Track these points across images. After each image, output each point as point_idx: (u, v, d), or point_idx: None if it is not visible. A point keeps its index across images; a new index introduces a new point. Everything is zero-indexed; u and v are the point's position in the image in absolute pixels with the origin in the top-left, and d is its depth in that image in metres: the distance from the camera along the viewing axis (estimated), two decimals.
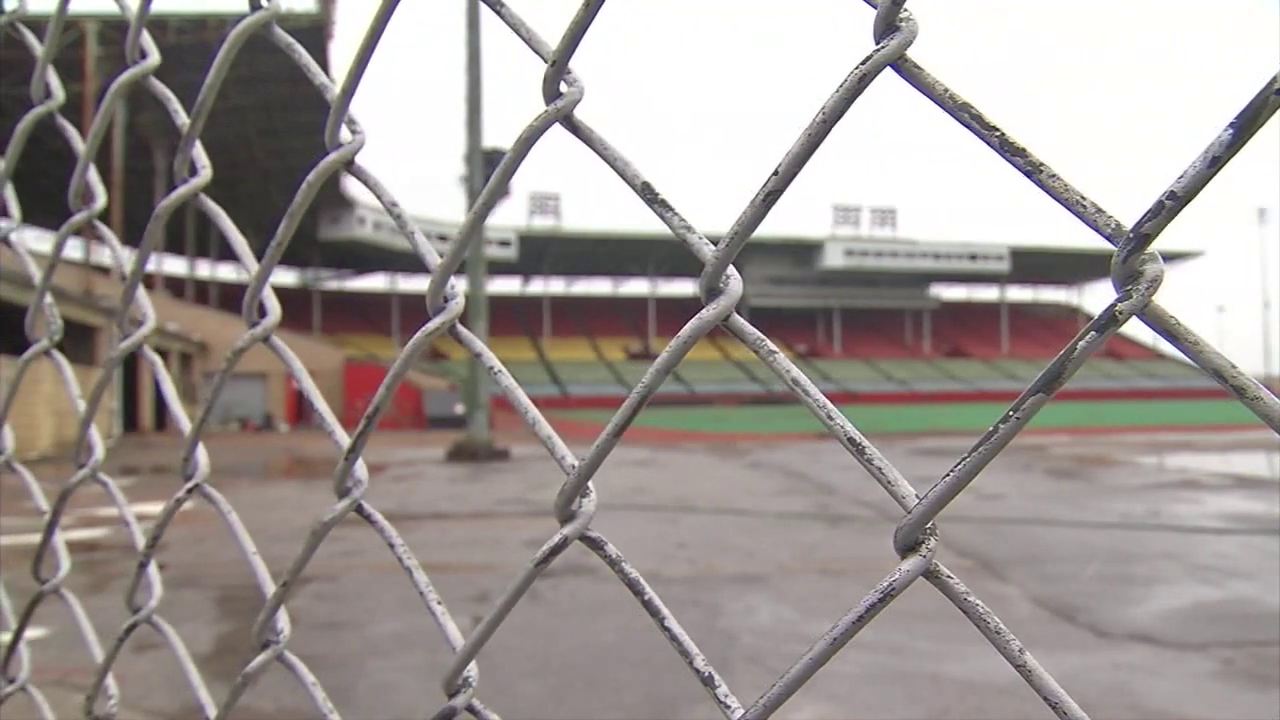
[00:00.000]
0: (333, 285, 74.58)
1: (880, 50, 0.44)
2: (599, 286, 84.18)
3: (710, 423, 37.06)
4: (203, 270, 56.86)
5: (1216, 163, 0.36)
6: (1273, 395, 0.37)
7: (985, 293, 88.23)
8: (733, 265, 0.50)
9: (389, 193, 0.69)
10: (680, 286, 79.91)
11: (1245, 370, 0.38)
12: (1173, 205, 0.38)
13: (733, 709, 0.52)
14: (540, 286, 79.46)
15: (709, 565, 7.48)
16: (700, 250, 0.52)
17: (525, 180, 73.06)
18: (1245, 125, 0.36)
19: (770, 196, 0.47)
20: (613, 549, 0.57)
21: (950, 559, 7.57)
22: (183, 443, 0.84)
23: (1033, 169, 0.41)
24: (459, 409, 34.05)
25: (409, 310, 69.97)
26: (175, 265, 54.31)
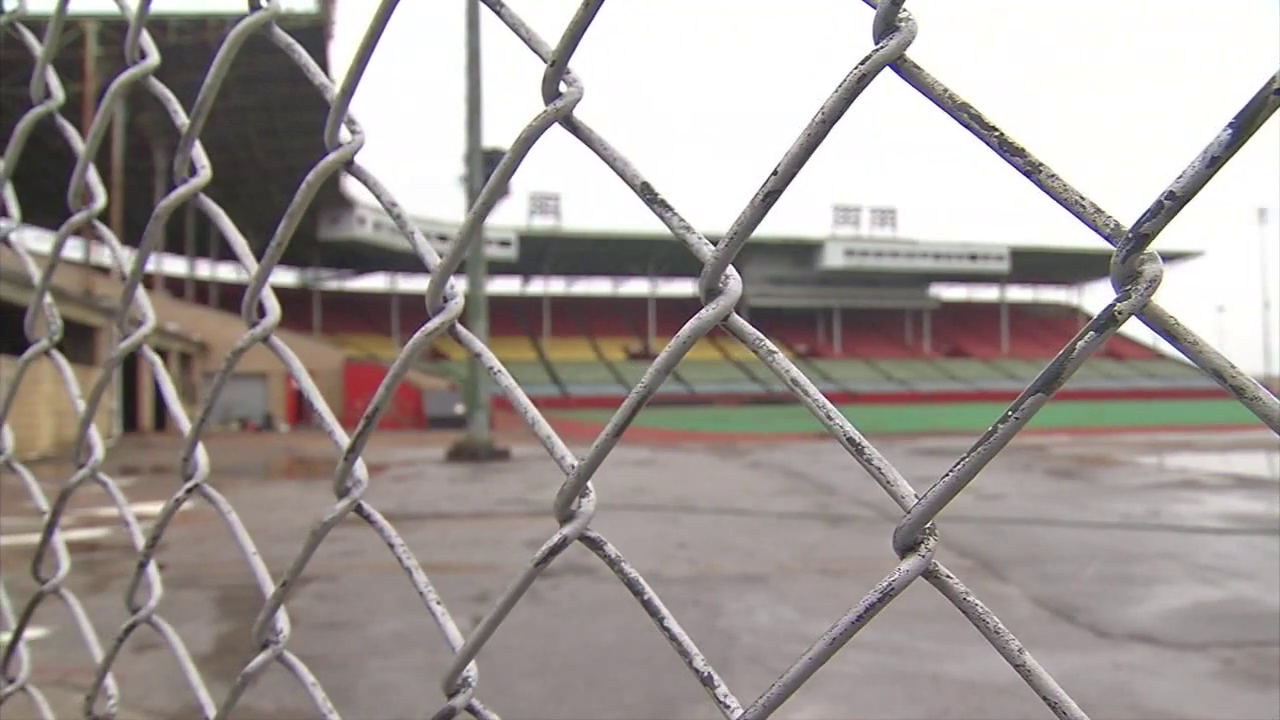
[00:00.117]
0: (333, 285, 74.61)
1: (879, 50, 0.44)
2: (599, 286, 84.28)
3: (710, 423, 37.07)
4: (203, 270, 56.91)
5: (1215, 162, 0.36)
6: (1271, 395, 0.37)
7: (985, 293, 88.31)
8: (732, 265, 0.50)
9: (388, 192, 0.69)
10: (680, 286, 79.90)
11: (1244, 370, 0.38)
12: (1171, 205, 0.38)
13: (732, 709, 0.52)
14: (540, 286, 79.54)
15: (709, 565, 7.48)
16: (699, 250, 0.52)
17: (525, 180, 73.24)
18: (1244, 125, 0.36)
19: (769, 196, 0.47)
20: (612, 549, 0.57)
21: (951, 559, 7.57)
22: (182, 443, 0.84)
23: (1032, 169, 0.41)
24: (459, 409, 34.05)
25: (409, 310, 69.95)
26: (175, 265, 54.34)
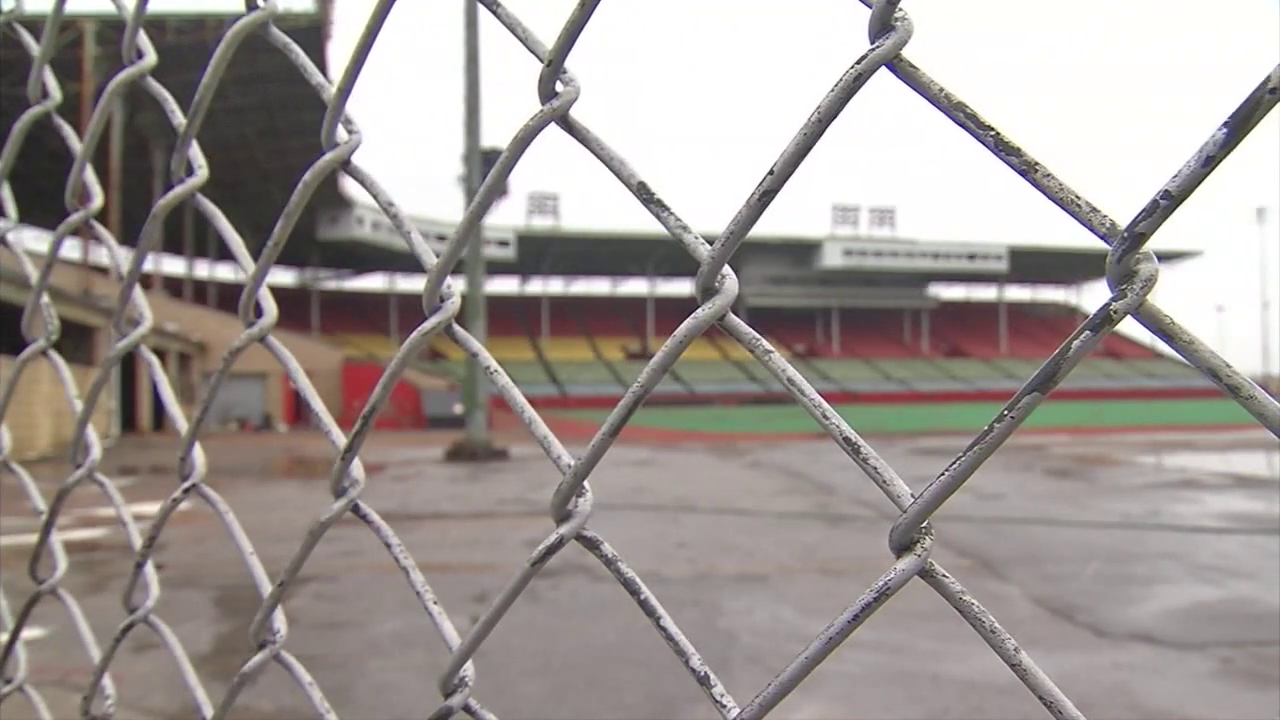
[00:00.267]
0: (331, 285, 74.55)
1: (875, 50, 0.44)
2: (598, 286, 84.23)
3: (710, 422, 37.06)
4: (201, 270, 56.83)
5: (1211, 162, 0.36)
6: (1266, 394, 0.37)
7: (984, 292, 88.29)
8: (729, 265, 0.50)
9: (385, 192, 0.69)
10: (679, 286, 79.85)
11: (1240, 369, 0.38)
12: (1167, 205, 0.38)
13: (729, 708, 0.52)
14: (539, 286, 79.47)
15: (709, 565, 7.48)
16: (696, 250, 0.52)
17: (524, 180, 73.23)
18: (1239, 124, 0.36)
19: (766, 196, 0.47)
20: (609, 548, 0.57)
21: (950, 559, 7.57)
22: (180, 443, 0.84)
23: (1028, 168, 0.41)
24: (458, 409, 34.03)
25: (407, 310, 69.90)
26: (174, 265, 54.25)
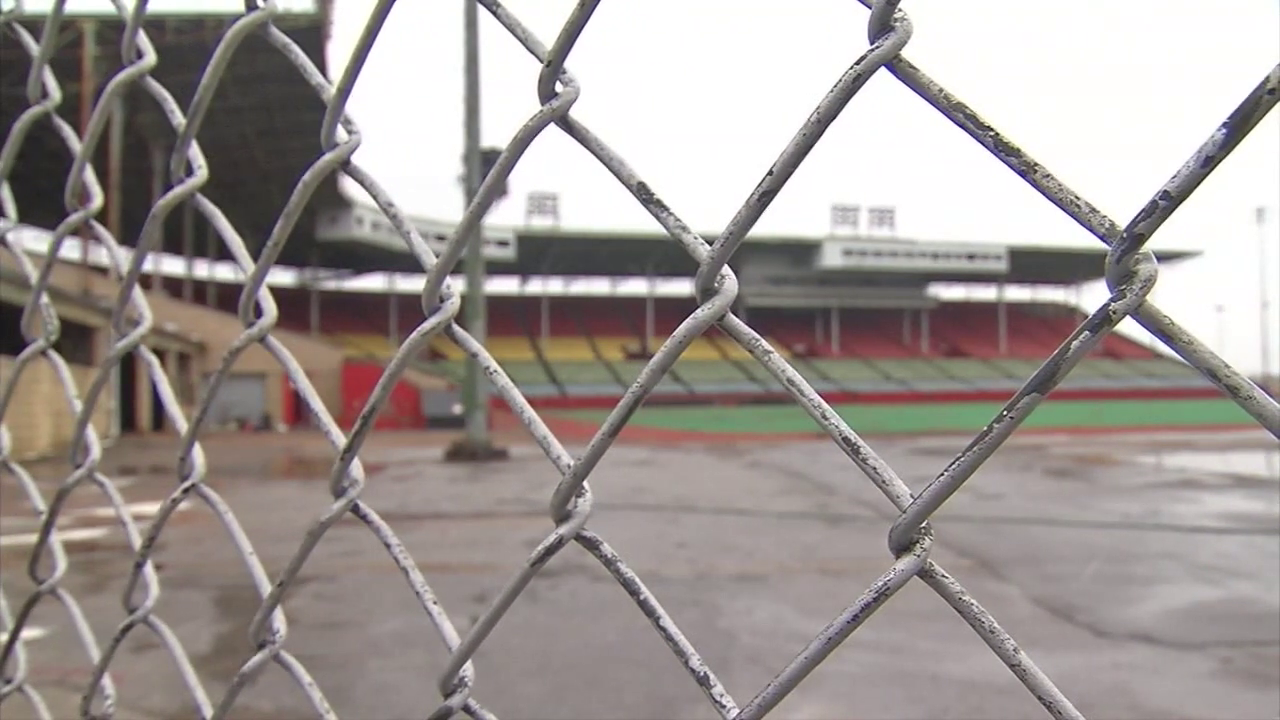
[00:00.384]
0: (331, 285, 74.55)
1: (875, 50, 0.44)
2: (597, 286, 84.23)
3: (710, 423, 37.06)
4: (201, 270, 56.80)
5: (1210, 162, 0.36)
6: (1266, 394, 0.37)
7: (983, 292, 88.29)
8: (729, 265, 0.50)
9: (385, 192, 0.69)
10: (678, 286, 79.85)
11: (1239, 369, 0.38)
12: (1166, 205, 0.38)
13: (728, 708, 0.52)
14: (538, 286, 79.47)
15: (709, 565, 7.48)
16: (695, 250, 0.52)
17: (524, 180, 73.22)
18: (1239, 125, 0.36)
19: (765, 196, 0.47)
20: (608, 548, 0.57)
21: (950, 559, 7.57)
22: (180, 443, 0.84)
23: (1027, 169, 0.41)
24: (457, 409, 34.04)
25: (407, 310, 69.88)
26: (173, 265, 54.25)
